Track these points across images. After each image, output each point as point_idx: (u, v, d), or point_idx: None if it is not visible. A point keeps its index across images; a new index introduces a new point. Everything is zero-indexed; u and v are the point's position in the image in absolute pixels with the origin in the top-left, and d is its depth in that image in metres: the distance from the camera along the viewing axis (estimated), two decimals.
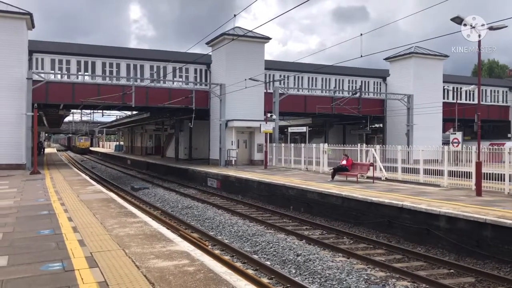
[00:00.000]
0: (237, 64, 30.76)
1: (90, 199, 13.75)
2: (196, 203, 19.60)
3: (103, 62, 30.71)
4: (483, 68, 68.10)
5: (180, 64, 31.60)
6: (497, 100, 45.15)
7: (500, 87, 45.98)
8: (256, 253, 11.12)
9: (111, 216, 10.70)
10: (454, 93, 40.38)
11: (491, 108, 43.84)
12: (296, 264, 9.93)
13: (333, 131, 48.01)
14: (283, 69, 35.91)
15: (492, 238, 10.33)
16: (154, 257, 6.80)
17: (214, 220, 15.48)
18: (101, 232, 8.73)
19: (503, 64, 74.16)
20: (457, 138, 26.73)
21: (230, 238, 12.91)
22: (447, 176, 18.05)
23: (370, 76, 40.25)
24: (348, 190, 16.37)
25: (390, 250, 11.53)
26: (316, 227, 14.58)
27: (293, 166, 28.29)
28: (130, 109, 39.25)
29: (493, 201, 13.44)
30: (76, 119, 69.01)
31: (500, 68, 72.70)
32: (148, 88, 30.75)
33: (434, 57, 38.65)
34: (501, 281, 8.87)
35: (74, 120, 73.88)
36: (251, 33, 29.91)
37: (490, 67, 72.54)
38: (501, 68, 72.78)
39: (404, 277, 9.13)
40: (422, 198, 14.07)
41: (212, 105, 32.37)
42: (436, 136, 36.47)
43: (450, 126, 41.48)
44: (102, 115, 47.41)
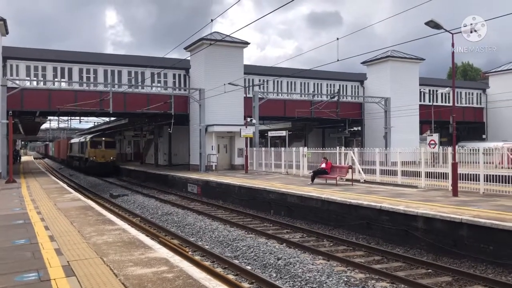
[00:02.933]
0: (216, 69, 30.73)
1: (68, 207, 13.53)
2: (176, 209, 19.46)
3: (80, 68, 30.32)
4: (457, 71, 69.51)
5: (159, 69, 31.42)
6: (471, 102, 46.13)
7: (474, 89, 47.01)
8: (237, 258, 11.10)
9: (89, 224, 10.55)
10: (430, 95, 41.16)
11: (466, 110, 44.77)
12: (277, 268, 9.94)
13: (313, 134, 48.33)
14: (262, 74, 36.04)
15: (468, 237, 10.53)
16: (132, 265, 6.73)
17: (194, 226, 15.39)
18: (78, 241, 8.59)
19: (477, 67, 75.85)
20: (433, 139, 27.15)
21: (211, 243, 12.85)
22: (424, 178, 18.35)
23: (347, 80, 40.70)
24: (327, 193, 16.49)
25: (369, 251, 11.65)
26: (296, 230, 14.63)
27: (274, 170, 28.35)
28: (108, 115, 38.81)
29: (469, 201, 13.71)
30: (53, 126, 67.89)
31: (474, 71, 74.32)
32: (126, 94, 30.47)
33: (410, 60, 39.31)
34: (477, 279, 9.04)
35: (51, 127, 72.61)
36: (229, 38, 29.94)
37: (464, 70, 74.10)
38: (475, 70, 74.41)
39: (383, 278, 9.23)
40: (400, 200, 14.26)
41: (192, 110, 32.26)
42: (414, 138, 37.03)
43: (427, 128, 42.16)
44: (80, 121, 46.89)
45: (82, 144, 44.29)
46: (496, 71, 46.67)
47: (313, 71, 34.86)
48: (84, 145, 42.65)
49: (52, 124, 60.72)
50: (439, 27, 14.99)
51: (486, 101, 46.15)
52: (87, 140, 41.87)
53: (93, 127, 63.83)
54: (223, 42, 29.87)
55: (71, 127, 69.84)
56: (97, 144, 41.12)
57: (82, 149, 43.85)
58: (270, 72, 35.68)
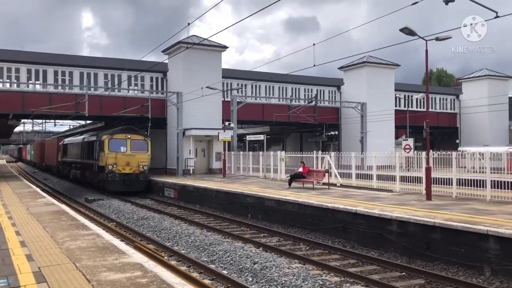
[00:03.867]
0: (194, 72, 30.64)
1: (41, 212, 13.27)
2: (152, 214, 19.28)
3: (55, 71, 29.82)
4: (432, 77, 70.97)
5: (135, 72, 31.13)
6: (445, 107, 47.11)
7: (448, 95, 48.04)
8: (214, 262, 11.05)
9: (62, 229, 10.36)
10: (406, 101, 41.88)
11: (440, 115, 45.71)
12: (253, 272, 9.94)
13: (291, 138, 48.59)
14: (240, 78, 36.09)
15: (440, 240, 10.73)
16: (106, 270, 6.64)
17: (170, 230, 15.27)
18: (51, 246, 8.43)
19: (451, 73, 77.63)
20: (409, 144, 27.63)
21: (187, 248, 12.77)
22: (399, 182, 18.63)
23: (325, 84, 41.10)
24: (304, 196, 16.58)
25: (345, 255, 11.76)
26: (273, 234, 14.67)
27: (252, 174, 28.37)
28: (84, 118, 38.21)
29: (442, 205, 13.98)
30: (27, 129, 66.58)
31: (448, 77, 76.03)
32: (102, 97, 30.10)
33: (386, 66, 39.96)
34: (449, 281, 9.22)
35: (26, 130, 71.16)
36: (207, 42, 29.90)
37: (438, 76, 75.73)
38: (449, 77, 76.14)
39: (358, 281, 9.33)
40: (375, 203, 14.45)
41: (169, 113, 32.05)
42: (389, 142, 37.59)
43: (403, 132, 42.90)
44: (55, 124, 46.11)
45: (92, 145, 28.97)
46: (468, 78, 47.81)
47: (291, 76, 35.18)
48: (97, 145, 27.38)
49: (26, 127, 59.64)
50: (413, 34, 15.29)
51: (460, 107, 47.21)
52: (103, 138, 26.54)
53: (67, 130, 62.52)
54: (201, 46, 29.81)
55: (46, 130, 68.71)
56: (120, 144, 26.38)
57: (92, 152, 28.66)
58: (248, 76, 35.76)
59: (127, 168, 25.97)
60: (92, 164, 28.55)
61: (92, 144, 28.89)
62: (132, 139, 26.53)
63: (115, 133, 26.75)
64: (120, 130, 27.29)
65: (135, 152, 26.32)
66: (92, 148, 28.84)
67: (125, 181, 25.68)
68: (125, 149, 26.18)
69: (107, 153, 25.80)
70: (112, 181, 25.57)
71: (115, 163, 25.76)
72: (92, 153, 28.53)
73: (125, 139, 26.41)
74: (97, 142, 27.56)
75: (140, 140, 26.96)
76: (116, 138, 26.33)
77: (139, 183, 26.31)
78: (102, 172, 26.20)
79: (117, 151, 25.96)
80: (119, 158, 25.89)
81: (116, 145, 26.12)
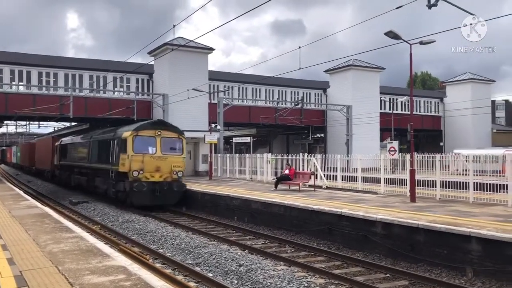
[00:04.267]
0: (181, 74, 30.56)
1: (23, 215, 13.08)
2: (137, 217, 19.11)
3: (39, 72, 29.52)
4: (416, 80, 71.80)
5: (121, 74, 30.95)
6: (430, 110, 47.69)
7: (432, 98, 48.66)
8: (199, 265, 11.01)
9: (45, 231, 10.23)
10: (391, 104, 42.31)
11: (425, 118, 46.26)
12: (238, 275, 9.93)
13: (277, 141, 48.69)
14: (227, 80, 36.12)
15: (424, 242, 10.84)
16: (89, 273, 6.58)
17: (156, 233, 15.17)
18: (33, 249, 8.32)
19: (435, 77, 78.63)
20: (393, 147, 27.86)
21: (173, 251, 12.70)
22: (384, 184, 18.79)
23: (311, 87, 41.34)
24: (290, 199, 16.62)
25: (330, 257, 11.81)
26: (259, 236, 14.67)
27: (238, 176, 28.36)
28: (68, 120, 37.79)
29: (426, 207, 14.13)
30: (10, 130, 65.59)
31: (432, 80, 77.04)
32: (87, 99, 29.84)
33: (371, 69, 40.33)
34: (432, 282, 9.32)
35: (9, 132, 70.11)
36: (194, 44, 29.85)
37: (423, 79, 76.65)
38: (433, 80, 77.15)
39: (342, 283, 9.38)
40: (360, 205, 14.55)
41: (155, 115, 31.87)
42: (374, 145, 37.91)
43: (388, 135, 43.28)
44: (39, 126, 45.47)
45: (106, 145, 22.83)
46: (452, 81, 48.50)
47: (277, 79, 35.26)
48: (116, 145, 21.50)
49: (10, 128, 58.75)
50: (397, 38, 15.47)
51: (444, 110, 47.83)
52: (125, 136, 20.65)
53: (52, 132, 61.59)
54: (187, 48, 29.76)
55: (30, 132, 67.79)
56: (147, 143, 20.69)
57: (106, 154, 22.50)
58: (235, 79, 35.80)
59: (156, 174, 20.34)
60: (106, 169, 22.37)
61: (107, 143, 22.77)
62: (163, 137, 20.88)
63: (142, 129, 20.75)
64: (148, 124, 21.50)
65: (167, 154, 20.79)
66: (106, 149, 22.71)
67: (154, 192, 19.95)
68: (154, 149, 20.53)
69: (131, 156, 19.95)
70: (138, 193, 19.70)
71: (141, 169, 19.96)
72: (107, 155, 22.39)
73: (154, 137, 20.63)
74: (115, 141, 21.58)
75: (174, 138, 21.31)
76: (143, 136, 20.51)
77: (172, 194, 20.60)
78: (123, 181, 20.56)
79: (144, 152, 20.32)
80: (147, 162, 20.19)
81: (142, 145, 20.44)
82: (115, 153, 21.19)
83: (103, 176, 23.19)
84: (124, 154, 20.23)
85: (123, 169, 20.27)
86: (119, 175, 20.84)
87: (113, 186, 21.50)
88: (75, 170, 28.57)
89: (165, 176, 20.50)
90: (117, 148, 21.13)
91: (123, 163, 20.26)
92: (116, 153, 21.14)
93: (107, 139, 23.13)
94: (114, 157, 21.28)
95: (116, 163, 20.96)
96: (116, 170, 20.97)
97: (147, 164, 20.16)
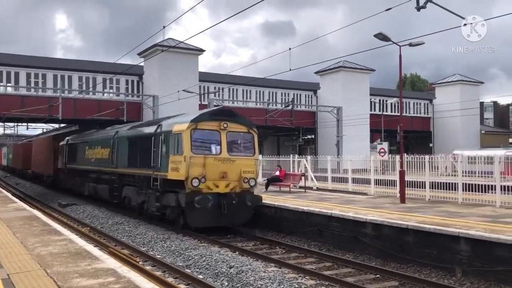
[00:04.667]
0: (171, 75, 30.48)
1: (11, 217, 12.93)
2: (127, 219, 18.98)
3: (28, 73, 29.27)
4: (406, 81, 72.31)
5: (111, 75, 30.77)
6: (419, 112, 48.05)
7: (422, 99, 49.05)
8: (189, 267, 10.96)
9: (33, 234, 10.13)
10: (380, 105, 42.52)
11: (414, 119, 46.59)
12: (229, 277, 9.90)
13: (268, 142, 48.68)
14: (217, 81, 36.09)
15: (413, 242, 10.91)
16: (78, 276, 6.52)
17: (146, 235, 15.08)
18: (21, 252, 8.23)
19: (424, 78, 79.31)
20: (383, 148, 28.05)
21: (163, 253, 12.63)
22: (373, 185, 18.88)
23: (301, 89, 41.44)
24: (281, 200, 16.64)
25: (320, 258, 11.83)
26: (249, 238, 14.64)
27: None
28: (57, 121, 37.52)
29: (415, 208, 14.22)
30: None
31: (421, 82, 77.68)
32: (77, 100, 29.64)
33: (361, 71, 40.56)
34: (421, 282, 9.38)
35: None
36: (184, 45, 29.79)
37: (412, 81, 77.25)
38: (422, 82, 77.79)
39: (333, 284, 9.39)
40: (350, 207, 14.60)
41: (145, 117, 31.73)
42: (365, 146, 38.09)
43: (378, 136, 43.56)
44: (27, 128, 44.97)
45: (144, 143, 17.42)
46: (441, 83, 48.93)
47: (268, 80, 35.33)
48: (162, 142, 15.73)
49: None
50: (387, 40, 15.58)
51: (433, 111, 48.21)
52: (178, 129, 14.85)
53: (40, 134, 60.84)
54: (177, 49, 29.69)
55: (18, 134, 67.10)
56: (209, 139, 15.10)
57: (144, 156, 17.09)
58: (225, 80, 35.78)
59: (221, 184, 14.64)
60: (144, 176, 16.80)
61: (145, 141, 17.01)
62: (230, 131, 15.05)
63: (202, 120, 14.81)
64: (208, 115, 15.24)
65: (236, 155, 15.02)
66: (143, 148, 17.07)
67: (221, 208, 14.26)
68: (219, 149, 14.80)
69: (189, 157, 14.07)
70: (200, 210, 14.00)
71: (203, 176, 14.20)
72: (145, 157, 16.64)
73: (218, 131, 14.82)
74: (161, 137, 15.65)
75: (243, 133, 15.56)
76: (203, 129, 14.74)
77: (244, 210, 14.87)
78: (175, 192, 14.64)
79: (205, 153, 14.63)
80: (210, 166, 14.39)
81: (204, 142, 14.86)
82: (161, 154, 15.43)
83: (138, 185, 17.58)
84: (178, 155, 14.38)
85: (176, 176, 14.41)
86: (168, 184, 15.02)
87: (156, 199, 15.69)
88: (91, 175, 23.16)
89: (233, 185, 14.75)
90: (163, 146, 15.36)
91: (175, 168, 14.43)
92: (162, 153, 15.36)
93: (145, 135, 17.32)
94: (160, 160, 15.44)
95: (162, 167, 15.18)
96: (163, 178, 15.15)
97: (210, 169, 14.26)
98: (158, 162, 15.59)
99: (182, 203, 14.16)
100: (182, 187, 14.35)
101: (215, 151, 14.76)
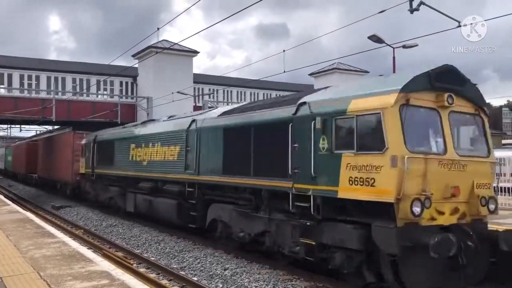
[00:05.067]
0: (165, 77, 30.44)
1: (4, 220, 12.86)
2: (121, 221, 18.94)
3: (21, 74, 29.13)
4: None
5: (104, 77, 30.69)
6: None
7: None
8: (184, 269, 10.95)
9: (26, 237, 10.07)
10: None
11: None
12: (224, 279, 9.90)
13: None
14: (212, 83, 36.08)
15: None
16: (71, 279, 6.49)
17: (140, 237, 15.07)
18: (14, 255, 8.18)
19: None
20: None
21: (157, 255, 12.62)
22: None
23: (296, 90, 41.39)
24: None
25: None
26: None
27: None
28: (51, 123, 37.27)
29: None
30: None
31: None
32: (70, 102, 29.53)
33: (355, 73, 40.69)
34: None
35: None
36: (178, 46, 29.79)
37: None
38: None
39: (328, 286, 9.39)
40: None
41: (139, 118, 31.62)
42: None
43: None
44: (20, 130, 44.80)
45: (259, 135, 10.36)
46: None
47: (262, 82, 35.36)
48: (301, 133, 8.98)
49: None
50: (381, 41, 15.66)
51: None
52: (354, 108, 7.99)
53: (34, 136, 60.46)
54: (172, 51, 29.66)
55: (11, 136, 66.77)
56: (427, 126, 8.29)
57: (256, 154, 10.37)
58: (220, 82, 35.77)
59: (447, 208, 7.99)
60: (270, 190, 10.18)
61: (268, 132, 10.28)
62: (454, 111, 8.42)
63: (416, 89, 7.92)
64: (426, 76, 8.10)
65: (466, 157, 8.42)
66: (265, 144, 10.35)
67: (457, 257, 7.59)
68: (441, 144, 8.21)
69: (406, 158, 7.37)
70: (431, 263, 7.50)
71: (425, 194, 7.55)
72: (272, 159, 10.10)
73: (437, 110, 8.20)
74: (314, 121, 8.67)
75: (470, 115, 8.93)
76: (419, 107, 8.02)
77: (484, 257, 8.24)
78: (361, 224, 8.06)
79: (427, 150, 8.09)
80: (433, 175, 7.79)
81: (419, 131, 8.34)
82: (315, 153, 8.78)
83: (246, 204, 11.18)
84: (368, 154, 7.88)
85: (369, 194, 7.79)
86: (333, 208, 8.71)
87: (304, 232, 9.18)
88: (140, 185, 16.73)
89: (463, 210, 8.20)
90: (322, 139, 8.66)
91: (363, 178, 7.86)
92: (318, 152, 8.72)
93: (268, 123, 10.39)
94: (313, 163, 8.78)
95: (321, 176, 8.67)
96: (325, 195, 8.64)
97: (435, 180, 7.85)
98: (310, 167, 8.80)
99: (388, 247, 7.56)
100: (377, 215, 7.79)
101: (437, 148, 8.25)
